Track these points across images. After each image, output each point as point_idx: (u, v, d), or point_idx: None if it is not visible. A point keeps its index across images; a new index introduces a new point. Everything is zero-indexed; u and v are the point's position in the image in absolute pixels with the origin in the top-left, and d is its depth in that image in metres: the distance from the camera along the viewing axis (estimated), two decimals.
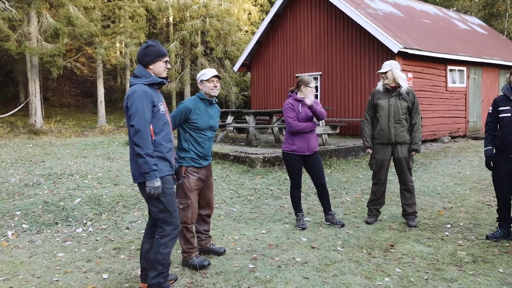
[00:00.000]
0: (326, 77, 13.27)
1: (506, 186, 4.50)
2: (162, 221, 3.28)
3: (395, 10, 14.55)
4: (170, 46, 22.31)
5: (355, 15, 11.93)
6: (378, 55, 11.63)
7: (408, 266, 3.92)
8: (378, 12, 13.18)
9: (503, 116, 4.42)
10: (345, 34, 12.67)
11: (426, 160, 9.72)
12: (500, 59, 14.89)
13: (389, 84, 5.06)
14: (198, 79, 4.05)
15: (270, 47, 15.23)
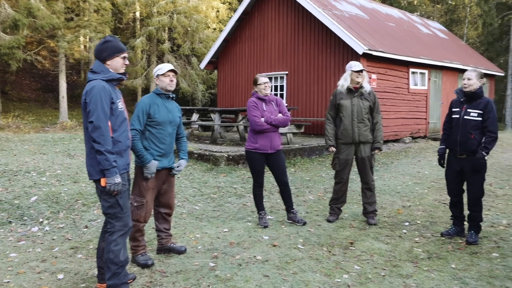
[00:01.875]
0: (292, 77, 13.36)
1: (456, 184, 4.68)
2: (112, 216, 3.22)
3: (361, 13, 14.81)
4: (136, 42, 21.94)
5: (322, 16, 12.06)
6: (344, 56, 11.81)
7: (367, 263, 3.99)
8: (344, 14, 13.37)
9: (453, 117, 4.60)
10: (312, 34, 12.79)
11: (387, 160, 9.95)
12: (459, 63, 15.41)
13: (356, 84, 5.14)
14: (154, 74, 4.00)
15: (237, 45, 15.20)
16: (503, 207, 5.96)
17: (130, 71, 22.27)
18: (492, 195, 6.59)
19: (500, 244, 4.49)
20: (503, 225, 5.16)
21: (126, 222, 3.29)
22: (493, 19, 26.86)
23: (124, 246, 3.30)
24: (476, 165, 4.46)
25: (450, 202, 4.81)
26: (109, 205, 3.20)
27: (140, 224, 3.95)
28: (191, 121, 11.10)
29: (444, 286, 3.50)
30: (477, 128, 4.44)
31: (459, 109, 4.58)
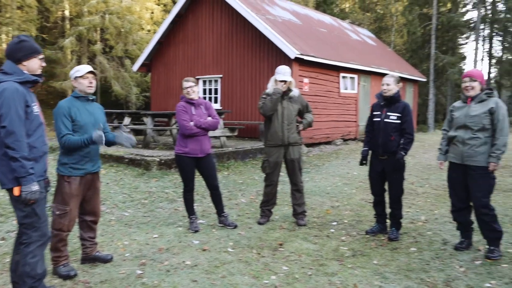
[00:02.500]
0: (226, 80, 13.39)
1: (378, 184, 4.91)
2: (28, 226, 3.04)
3: (293, 18, 15.16)
4: (65, 42, 20.95)
5: (255, 21, 12.21)
6: (276, 60, 12.01)
7: (295, 263, 4.07)
8: (278, 19, 13.62)
9: (375, 120, 4.83)
10: (246, 38, 12.91)
11: (319, 161, 10.24)
12: (386, 69, 16.22)
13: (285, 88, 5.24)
14: (71, 76, 3.82)
15: (171, 47, 14.99)
16: (422, 204, 6.34)
17: (59, 72, 21.25)
18: (413, 193, 6.98)
19: (418, 239, 4.76)
20: (421, 221, 5.48)
21: (44, 231, 3.13)
22: (416, 28, 28.57)
23: (42, 257, 3.13)
24: (396, 165, 4.71)
25: (374, 201, 5.04)
26: (25, 215, 3.02)
27: (63, 233, 3.77)
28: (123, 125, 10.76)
29: (366, 281, 3.65)
30: (396, 130, 4.69)
31: (380, 112, 4.81)
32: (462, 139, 4.22)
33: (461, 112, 4.29)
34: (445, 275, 3.75)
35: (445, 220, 5.44)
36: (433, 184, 7.68)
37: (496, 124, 4.11)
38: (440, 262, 4.06)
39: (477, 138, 4.14)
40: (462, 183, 4.32)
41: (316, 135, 12.99)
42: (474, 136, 4.15)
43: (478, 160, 4.13)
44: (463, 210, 4.40)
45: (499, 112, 4.11)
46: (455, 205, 4.43)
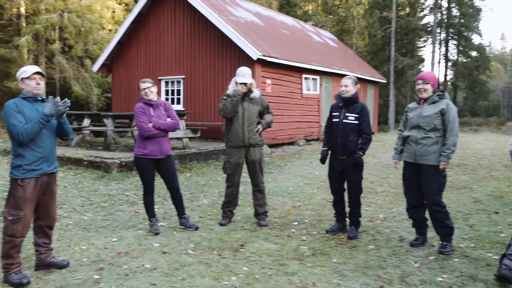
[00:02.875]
0: (189, 81, 13.30)
1: (338, 184, 5.00)
2: None
3: (256, 19, 15.23)
4: (21, 41, 20.23)
5: (217, 22, 12.18)
6: (239, 61, 12.03)
7: (255, 264, 4.08)
8: (240, 20, 13.65)
9: (334, 121, 4.91)
10: (208, 39, 12.86)
11: (282, 162, 10.33)
12: (347, 70, 16.53)
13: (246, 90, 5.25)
14: (18, 77, 3.71)
15: (133, 48, 14.75)
16: (381, 202, 6.50)
17: (14, 72, 20.46)
18: (372, 192, 7.15)
19: (376, 237, 4.88)
20: (380, 219, 5.62)
21: None
22: (377, 31, 29.32)
23: None
24: (355, 165, 4.81)
25: (333, 201, 5.12)
26: None
27: (16, 239, 3.63)
28: (82, 127, 10.50)
29: (325, 279, 3.70)
30: (354, 130, 4.79)
31: (338, 113, 4.90)
32: (415, 138, 4.35)
33: (415, 112, 4.43)
34: (401, 271, 3.86)
35: (402, 217, 5.58)
36: (392, 183, 7.89)
37: (447, 125, 4.27)
38: (396, 259, 4.17)
39: (429, 138, 4.28)
40: (416, 182, 4.46)
41: (279, 135, 13.09)
42: (426, 136, 4.29)
43: (430, 159, 4.28)
44: (417, 208, 4.54)
45: (450, 113, 4.28)
46: (410, 203, 4.57)
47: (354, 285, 3.57)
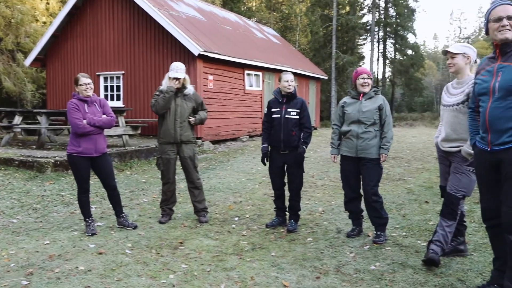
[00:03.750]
0: (129, 77, 12.94)
1: (279, 178, 5.06)
2: None
3: (198, 15, 15.07)
4: None
5: (157, 16, 11.93)
6: (180, 56, 11.86)
7: (194, 261, 4.05)
8: (181, 15, 13.45)
9: (274, 117, 4.95)
10: (148, 34, 12.57)
11: (225, 158, 10.32)
12: (289, 67, 16.78)
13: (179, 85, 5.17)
14: None
15: (69, 41, 14.13)
16: (321, 196, 6.66)
17: None
18: (313, 186, 7.31)
19: (315, 229, 4.99)
20: (319, 212, 5.76)
21: None
22: (319, 28, 29.95)
23: None
24: (297, 159, 4.89)
25: (275, 195, 5.17)
26: None
27: None
28: (13, 125, 9.93)
29: (263, 273, 3.73)
30: (296, 125, 4.87)
31: (279, 109, 4.94)
32: (356, 133, 4.46)
33: (353, 107, 4.53)
34: (337, 261, 3.97)
35: (340, 210, 5.75)
36: (331, 177, 8.11)
37: (385, 119, 4.45)
38: (333, 250, 4.28)
39: (369, 132, 4.43)
40: (355, 175, 4.60)
41: (222, 132, 13.06)
42: (367, 130, 4.43)
43: (371, 152, 4.43)
44: (355, 200, 4.69)
45: (386, 108, 4.47)
46: (348, 195, 4.70)
47: (292, 277, 3.63)
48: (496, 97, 2.86)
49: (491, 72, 2.95)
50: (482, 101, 3.01)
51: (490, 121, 2.90)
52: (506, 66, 2.85)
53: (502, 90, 2.83)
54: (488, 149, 2.96)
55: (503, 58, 2.91)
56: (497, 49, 2.93)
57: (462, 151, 3.60)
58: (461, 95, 3.66)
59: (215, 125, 12.73)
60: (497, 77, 2.88)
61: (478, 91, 3.05)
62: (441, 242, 3.72)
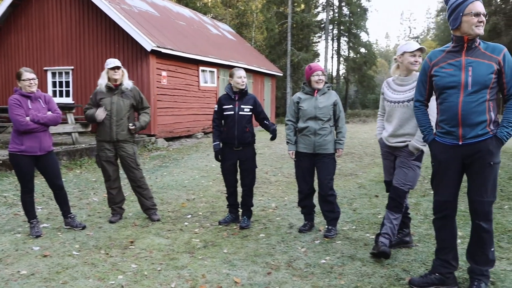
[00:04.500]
0: (79, 72, 12.51)
1: (232, 176, 5.04)
2: None
3: (151, 9, 14.77)
4: None
5: (108, 10, 11.59)
6: (132, 52, 11.59)
7: (145, 260, 3.96)
8: (134, 9, 13.13)
9: (227, 114, 4.91)
10: (99, 28, 12.19)
11: (179, 155, 10.19)
12: (244, 63, 16.79)
13: (115, 82, 5.03)
14: None
15: (12, 35, 13.46)
16: (274, 192, 6.71)
17: None
18: (267, 182, 7.35)
19: (267, 225, 5.02)
20: (272, 208, 5.79)
21: None
22: (274, 25, 30.15)
23: None
24: (253, 155, 4.92)
25: (227, 193, 5.15)
26: None
27: None
28: None
29: (215, 270, 3.71)
30: (249, 122, 4.88)
31: (232, 105, 4.90)
32: (314, 130, 4.48)
33: (309, 104, 4.52)
34: (288, 256, 4.01)
35: (293, 205, 5.81)
36: (285, 173, 8.19)
37: (339, 115, 4.53)
38: (285, 245, 4.32)
39: (326, 128, 4.48)
40: (311, 170, 4.65)
41: (176, 129, 12.89)
42: (324, 126, 4.48)
43: (328, 148, 4.48)
44: (309, 195, 4.75)
45: (339, 104, 4.55)
46: (303, 191, 4.73)
47: (243, 274, 3.63)
48: (469, 91, 2.90)
49: (457, 66, 2.96)
50: (447, 94, 3.01)
51: (463, 115, 2.93)
52: (475, 61, 2.91)
53: (477, 84, 2.89)
54: (459, 143, 2.99)
55: (468, 52, 2.96)
56: (465, 43, 2.96)
57: (410, 146, 3.72)
58: (410, 91, 3.74)
59: (169, 122, 12.54)
60: (467, 72, 2.91)
61: (444, 84, 3.02)
62: (388, 234, 3.83)
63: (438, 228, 3.30)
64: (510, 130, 2.91)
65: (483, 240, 3.06)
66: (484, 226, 3.03)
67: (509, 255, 3.90)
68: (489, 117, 2.93)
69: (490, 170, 2.96)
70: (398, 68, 3.91)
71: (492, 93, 2.94)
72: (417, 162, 3.77)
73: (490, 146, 2.93)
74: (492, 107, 2.95)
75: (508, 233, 4.52)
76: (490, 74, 2.88)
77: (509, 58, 2.93)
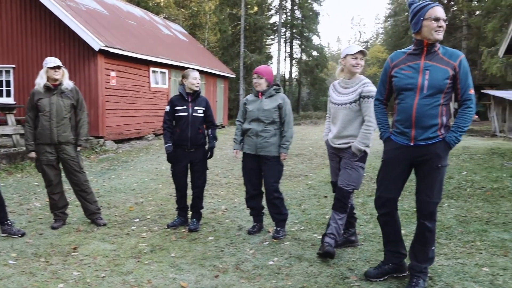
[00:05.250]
0: (20, 71, 11.94)
1: (183, 178, 4.97)
2: None
3: (99, 7, 14.34)
4: None
5: (53, 6, 11.15)
6: (79, 51, 11.20)
7: (88, 267, 3.82)
8: (81, 7, 12.70)
9: (180, 115, 4.83)
10: (43, 25, 11.69)
11: (128, 158, 9.95)
12: (197, 64, 16.65)
13: (55, 81, 4.83)
14: None
15: None
16: (224, 194, 6.68)
17: None
18: (217, 184, 7.31)
19: (216, 227, 4.98)
20: (222, 210, 5.76)
21: None
22: (227, 27, 30.14)
23: None
24: (205, 156, 4.87)
25: (177, 195, 5.06)
26: None
27: None
28: None
29: (161, 275, 3.63)
30: (202, 123, 4.85)
31: (186, 107, 4.83)
32: (256, 131, 4.52)
33: (254, 105, 4.57)
34: (236, 258, 3.99)
35: (243, 207, 5.80)
36: (236, 175, 8.17)
37: (284, 118, 4.54)
38: (233, 248, 4.30)
39: (269, 130, 4.50)
40: (256, 172, 4.66)
41: (126, 130, 12.58)
42: (266, 128, 4.50)
43: (271, 150, 4.50)
44: (256, 197, 4.75)
45: (286, 107, 4.56)
46: (249, 192, 4.75)
47: (190, 278, 3.57)
48: (425, 94, 3.00)
49: (416, 69, 3.06)
50: (404, 96, 3.09)
51: (417, 117, 3.02)
52: (433, 66, 3.01)
53: (432, 88, 2.98)
54: (411, 144, 3.10)
55: (427, 56, 3.06)
56: (424, 47, 3.06)
57: (352, 147, 3.81)
58: (353, 94, 3.84)
59: (119, 124, 12.21)
60: (424, 75, 3.01)
61: (402, 85, 3.10)
62: (334, 234, 3.90)
63: (383, 224, 3.43)
64: (458, 135, 3.01)
65: (426, 238, 3.18)
66: (428, 226, 3.15)
67: (446, 251, 4.08)
68: (441, 121, 3.04)
69: (438, 172, 3.08)
70: (343, 71, 3.99)
71: (446, 98, 3.04)
72: (361, 163, 3.87)
73: (439, 149, 3.04)
74: (445, 111, 3.06)
75: (447, 230, 4.73)
76: (446, 79, 2.99)
77: (465, 64, 3.02)
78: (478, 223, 4.97)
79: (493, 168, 8.61)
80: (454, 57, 3.02)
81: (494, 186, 6.89)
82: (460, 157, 10.39)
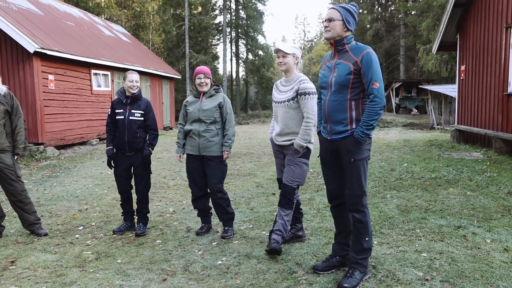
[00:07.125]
0: None
1: (125, 181, 4.86)
2: None
3: (33, 7, 13.69)
4: None
5: None
6: (12, 54, 10.64)
7: (28, 280, 3.64)
8: (12, 7, 12.06)
9: (118, 118, 4.73)
10: None
11: (71, 164, 9.58)
12: (140, 66, 16.31)
13: None
14: None
15: None
16: (172, 196, 6.59)
17: None
18: (165, 186, 7.20)
19: (164, 230, 4.91)
20: (170, 213, 5.68)
21: None
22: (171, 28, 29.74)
23: None
24: (145, 161, 4.75)
25: (121, 199, 4.95)
26: None
27: None
28: None
29: (107, 283, 3.53)
30: (141, 127, 4.73)
31: (123, 110, 4.74)
32: (198, 132, 4.50)
33: (194, 106, 4.56)
34: (185, 261, 3.95)
35: (191, 209, 5.75)
36: (184, 176, 8.08)
37: (225, 117, 4.55)
38: (182, 250, 4.26)
39: (210, 130, 4.49)
40: (201, 172, 4.63)
41: (68, 136, 12.10)
42: (208, 128, 4.49)
43: (213, 150, 4.50)
44: (202, 197, 4.73)
45: (227, 106, 4.57)
46: (195, 193, 4.72)
47: (138, 283, 3.50)
48: (332, 91, 3.21)
49: (330, 68, 3.28)
50: (323, 94, 3.35)
51: (328, 112, 3.25)
52: (341, 63, 3.19)
53: (337, 84, 3.17)
54: (328, 138, 3.31)
55: (338, 55, 3.25)
56: (333, 47, 3.28)
57: (294, 144, 3.89)
58: (290, 92, 3.93)
59: (60, 129, 11.72)
60: (333, 73, 3.22)
61: (320, 84, 3.37)
62: (281, 230, 3.95)
63: (334, 215, 3.57)
64: (364, 129, 3.10)
65: (357, 229, 3.29)
66: (356, 216, 3.26)
67: (389, 240, 4.26)
68: (350, 116, 3.19)
69: (352, 166, 3.20)
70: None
71: (354, 92, 3.17)
72: (304, 159, 3.95)
73: (349, 143, 3.19)
74: (354, 106, 3.19)
75: (389, 220, 4.93)
76: (348, 74, 3.14)
77: (367, 59, 3.09)
78: (418, 212, 5.22)
79: (431, 159, 9.07)
80: (358, 52, 3.16)
81: (432, 176, 7.26)
82: (402, 149, 10.86)
